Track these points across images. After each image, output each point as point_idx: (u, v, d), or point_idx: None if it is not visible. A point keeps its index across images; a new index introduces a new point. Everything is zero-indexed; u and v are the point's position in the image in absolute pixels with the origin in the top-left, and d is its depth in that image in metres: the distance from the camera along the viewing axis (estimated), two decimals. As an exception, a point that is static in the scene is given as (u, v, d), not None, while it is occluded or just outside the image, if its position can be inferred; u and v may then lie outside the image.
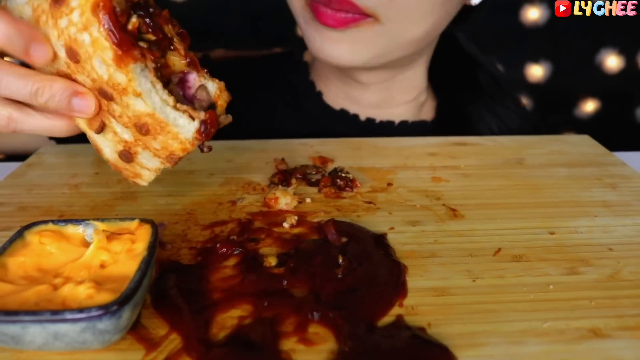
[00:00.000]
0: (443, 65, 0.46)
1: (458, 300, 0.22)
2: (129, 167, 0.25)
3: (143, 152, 0.24)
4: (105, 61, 0.21)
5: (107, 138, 0.24)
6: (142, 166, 0.24)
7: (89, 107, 0.22)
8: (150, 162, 0.24)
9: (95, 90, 0.22)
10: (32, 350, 0.19)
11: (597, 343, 0.20)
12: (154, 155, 0.24)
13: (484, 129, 0.45)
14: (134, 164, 0.24)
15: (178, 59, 0.24)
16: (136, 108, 0.22)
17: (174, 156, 0.23)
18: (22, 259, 0.22)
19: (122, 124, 0.23)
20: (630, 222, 0.29)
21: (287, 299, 0.22)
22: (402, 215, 0.29)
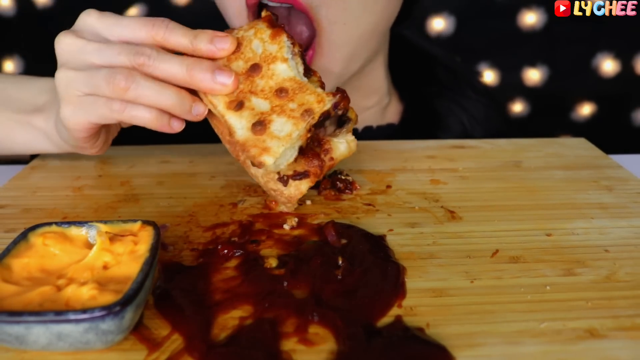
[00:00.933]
0: (400, 67, 0.47)
1: (456, 301, 0.23)
2: (259, 141, 0.26)
3: (278, 118, 0.26)
4: (262, 40, 0.28)
5: (242, 116, 0.26)
6: (272, 136, 0.26)
7: (229, 77, 0.27)
8: (283, 127, 0.26)
9: (244, 72, 0.27)
10: (35, 351, 0.19)
11: (594, 343, 0.20)
12: (288, 119, 0.26)
13: (454, 122, 0.45)
14: (265, 135, 0.26)
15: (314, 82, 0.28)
16: (280, 74, 0.27)
17: (309, 111, 0.26)
18: (26, 260, 0.22)
19: (262, 97, 0.27)
20: (626, 223, 0.29)
21: (288, 300, 0.22)
22: (401, 217, 0.30)
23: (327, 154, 0.29)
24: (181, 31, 0.27)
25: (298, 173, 0.28)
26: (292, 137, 0.26)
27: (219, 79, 0.26)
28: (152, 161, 0.37)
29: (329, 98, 0.26)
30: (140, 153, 0.39)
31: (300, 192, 0.28)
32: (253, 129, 0.26)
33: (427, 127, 0.45)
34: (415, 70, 0.48)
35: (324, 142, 0.29)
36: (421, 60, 0.48)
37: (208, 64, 0.27)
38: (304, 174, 0.28)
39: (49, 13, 0.85)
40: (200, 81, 0.26)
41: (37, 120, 0.33)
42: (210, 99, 0.27)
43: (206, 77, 0.26)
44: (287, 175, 0.28)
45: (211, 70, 0.26)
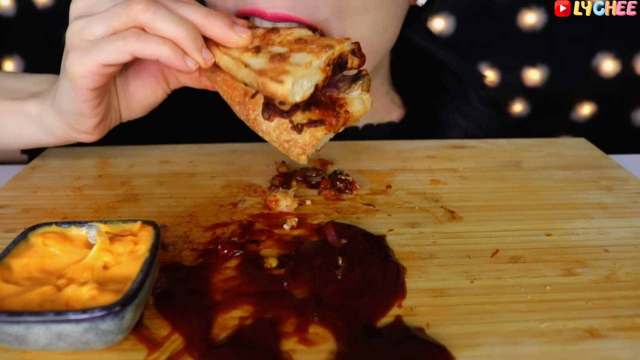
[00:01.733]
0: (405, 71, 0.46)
1: (456, 301, 0.23)
2: (278, 68, 0.25)
3: (297, 54, 0.25)
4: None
5: (259, 55, 0.26)
6: (291, 64, 0.25)
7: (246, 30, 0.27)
8: (303, 58, 0.25)
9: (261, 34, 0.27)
10: (35, 351, 0.19)
11: (594, 343, 0.20)
12: (308, 53, 0.25)
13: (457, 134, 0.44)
14: (284, 64, 0.25)
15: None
16: (299, 32, 0.27)
17: (329, 47, 0.25)
18: (26, 260, 0.22)
19: (280, 46, 0.26)
20: (626, 223, 0.29)
21: (288, 300, 0.22)
22: (401, 217, 0.30)
23: (342, 106, 0.27)
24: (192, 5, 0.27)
25: (313, 121, 0.26)
26: (312, 65, 0.25)
27: (236, 29, 0.27)
28: (152, 161, 0.37)
29: (348, 41, 0.26)
30: (140, 153, 0.39)
31: (316, 138, 0.26)
32: (272, 60, 0.25)
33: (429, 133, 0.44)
34: (419, 75, 0.47)
35: (339, 99, 0.28)
36: (426, 65, 0.47)
37: (226, 15, 0.27)
38: (319, 121, 0.26)
39: (49, 13, 0.85)
40: (218, 27, 0.27)
41: (30, 105, 0.31)
42: (224, 50, 0.27)
43: (224, 24, 0.26)
44: (301, 123, 0.26)
45: (229, 21, 0.27)
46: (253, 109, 0.27)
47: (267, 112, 0.26)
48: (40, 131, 0.32)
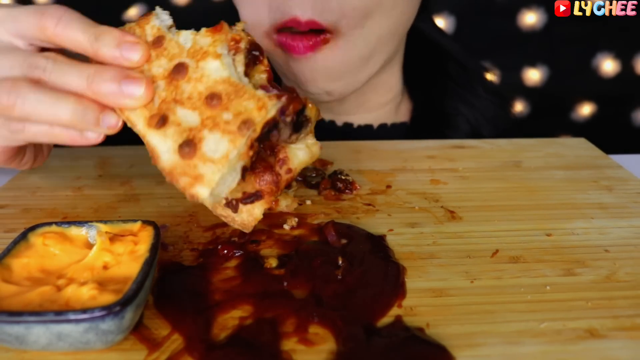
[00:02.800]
0: (413, 62, 0.46)
1: (456, 301, 0.23)
2: (189, 167, 0.20)
3: (210, 135, 0.20)
4: (194, 33, 0.22)
5: (167, 134, 0.21)
6: (205, 159, 0.20)
7: (140, 87, 0.21)
8: (218, 146, 0.20)
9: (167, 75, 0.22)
10: (35, 351, 0.19)
11: (594, 343, 0.20)
12: (222, 135, 0.20)
13: (463, 122, 0.45)
14: (196, 159, 0.20)
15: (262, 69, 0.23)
16: (211, 74, 0.21)
17: (248, 122, 0.20)
18: (26, 260, 0.22)
19: (190, 107, 0.21)
20: (626, 223, 0.29)
21: (288, 300, 0.22)
22: (401, 217, 0.30)
23: (283, 164, 0.23)
24: (79, 26, 0.22)
25: (248, 195, 0.23)
26: (229, 159, 0.20)
27: (126, 91, 0.21)
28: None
29: (272, 102, 0.20)
30: (140, 153, 0.38)
31: (255, 218, 0.23)
32: (181, 152, 0.20)
33: (436, 125, 0.45)
34: (427, 66, 0.47)
35: (279, 150, 0.23)
36: (433, 56, 0.47)
37: (113, 72, 0.21)
38: (256, 195, 0.23)
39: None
40: (105, 96, 0.21)
41: None
42: (127, 115, 0.22)
43: (111, 90, 0.21)
44: (235, 199, 0.23)
45: (117, 79, 0.21)
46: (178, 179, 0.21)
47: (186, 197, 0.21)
48: None
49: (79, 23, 0.22)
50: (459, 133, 0.45)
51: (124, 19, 0.90)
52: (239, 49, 0.22)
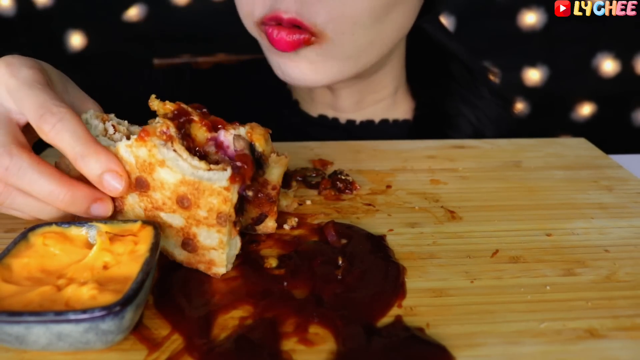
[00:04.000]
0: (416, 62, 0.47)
1: (456, 301, 0.23)
2: (199, 256, 0.23)
3: (199, 230, 0.23)
4: (129, 145, 0.23)
5: (169, 236, 0.23)
6: (208, 248, 0.23)
7: (107, 212, 0.23)
8: (211, 237, 0.23)
9: (134, 188, 0.23)
10: (35, 351, 0.19)
11: (594, 343, 0.20)
12: (209, 228, 0.22)
13: (464, 122, 0.45)
14: (200, 250, 0.23)
15: (198, 127, 0.24)
16: (168, 181, 0.22)
17: (221, 215, 0.22)
18: (26, 260, 0.22)
19: (170, 211, 0.23)
20: (626, 224, 0.29)
21: (288, 300, 0.22)
22: (401, 217, 0.30)
23: (266, 185, 0.25)
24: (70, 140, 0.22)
25: (257, 219, 0.26)
26: (224, 242, 0.23)
27: (94, 212, 0.23)
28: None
29: (229, 193, 0.22)
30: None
31: (272, 228, 0.27)
32: (185, 249, 0.23)
33: (438, 125, 0.45)
34: (430, 66, 0.47)
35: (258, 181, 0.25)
36: (438, 56, 0.48)
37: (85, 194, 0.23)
38: (262, 215, 0.26)
39: (49, 13, 0.85)
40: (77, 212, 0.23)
41: None
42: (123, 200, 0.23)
43: (81, 210, 0.23)
44: (248, 224, 0.26)
45: (87, 202, 0.23)
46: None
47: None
48: None
49: (71, 135, 0.22)
50: (461, 134, 0.45)
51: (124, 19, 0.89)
52: (172, 137, 0.23)
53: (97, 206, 0.23)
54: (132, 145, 0.22)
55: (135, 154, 0.22)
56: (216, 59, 0.54)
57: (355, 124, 0.45)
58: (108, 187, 0.23)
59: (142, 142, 0.22)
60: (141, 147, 0.22)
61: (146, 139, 0.22)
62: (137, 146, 0.22)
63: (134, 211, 0.24)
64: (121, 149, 0.23)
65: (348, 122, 0.45)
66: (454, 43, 0.49)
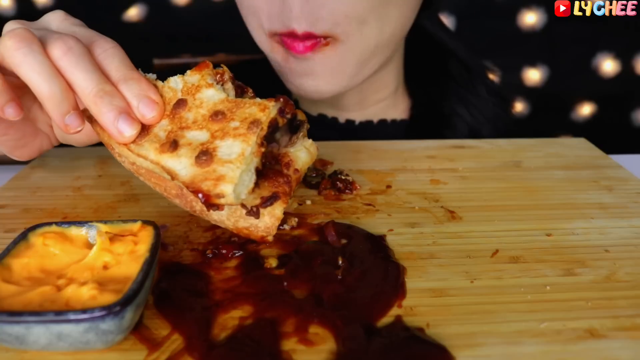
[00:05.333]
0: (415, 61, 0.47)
1: (456, 301, 0.23)
2: (209, 173, 0.22)
3: (222, 143, 0.22)
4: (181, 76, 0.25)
5: (180, 154, 0.22)
6: (223, 162, 0.22)
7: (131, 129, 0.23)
8: (232, 149, 0.22)
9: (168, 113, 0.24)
10: (35, 351, 0.19)
11: (594, 343, 0.20)
12: (234, 139, 0.22)
13: (460, 122, 0.45)
14: (213, 165, 0.22)
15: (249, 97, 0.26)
16: (209, 99, 0.24)
17: (255, 122, 0.22)
18: (26, 260, 0.22)
19: (197, 128, 0.23)
20: (626, 224, 0.29)
21: (288, 300, 0.22)
22: (401, 217, 0.30)
23: (289, 167, 0.25)
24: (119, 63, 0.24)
25: (266, 198, 0.24)
26: (245, 156, 0.21)
27: (119, 125, 0.23)
28: (152, 161, 0.37)
29: (272, 104, 0.23)
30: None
31: (277, 218, 0.25)
32: (198, 162, 0.22)
33: (434, 125, 0.45)
34: (428, 64, 0.48)
35: (282, 156, 0.25)
36: (436, 54, 0.48)
37: (119, 103, 0.23)
38: (273, 196, 0.24)
39: (49, 13, 0.85)
40: (100, 114, 0.23)
41: None
42: (138, 152, 0.23)
43: (108, 116, 0.23)
44: (255, 206, 0.24)
45: (118, 111, 0.23)
46: (196, 200, 0.22)
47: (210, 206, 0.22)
48: None
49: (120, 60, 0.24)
50: (457, 133, 0.46)
51: (124, 19, 0.89)
52: (225, 80, 0.25)
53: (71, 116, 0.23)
54: (184, 76, 0.25)
55: (186, 80, 0.25)
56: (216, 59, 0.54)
57: (355, 124, 0.45)
58: (143, 112, 0.23)
59: (197, 71, 0.24)
60: (195, 75, 0.24)
61: (202, 70, 0.24)
62: (190, 75, 0.25)
63: (157, 136, 0.24)
64: (171, 81, 0.25)
65: (347, 121, 0.46)
66: (453, 41, 0.49)
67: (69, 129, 0.24)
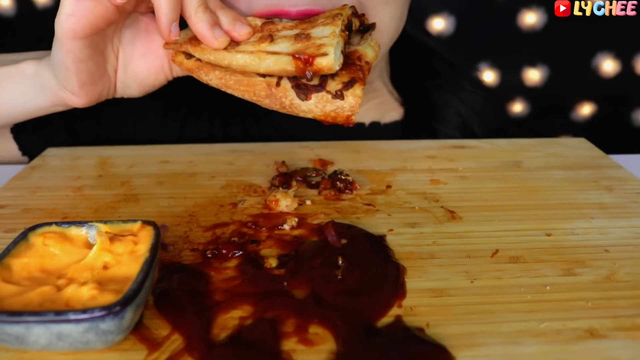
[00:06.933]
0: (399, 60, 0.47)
1: (456, 301, 0.23)
2: (309, 46, 0.27)
3: (313, 29, 0.28)
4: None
5: (278, 42, 0.28)
6: (319, 37, 0.27)
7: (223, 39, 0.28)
8: (324, 31, 0.27)
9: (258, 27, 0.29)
10: (35, 351, 0.19)
11: (594, 343, 0.20)
12: (323, 26, 0.27)
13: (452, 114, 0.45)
14: (311, 40, 0.27)
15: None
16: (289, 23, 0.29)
17: (338, 15, 0.28)
18: (26, 260, 0.22)
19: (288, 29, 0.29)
20: (626, 223, 0.29)
21: (288, 300, 0.22)
22: (401, 217, 0.30)
23: (361, 60, 0.29)
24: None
25: (347, 82, 0.28)
26: (335, 34, 0.27)
27: (216, 32, 0.28)
28: (152, 161, 0.37)
29: (347, 6, 0.29)
30: (140, 153, 0.39)
31: (359, 97, 0.28)
32: (297, 40, 0.27)
33: (425, 120, 0.45)
34: (413, 63, 0.48)
35: (354, 53, 0.30)
36: (419, 53, 0.48)
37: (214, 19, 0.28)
38: (352, 80, 0.28)
39: (49, 13, 0.85)
40: (199, 21, 0.28)
41: (27, 65, 0.32)
42: (237, 49, 0.28)
43: (205, 24, 0.27)
44: (339, 89, 0.28)
45: (214, 22, 0.28)
46: (285, 95, 0.28)
47: (302, 93, 0.27)
48: (32, 90, 0.32)
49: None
50: (450, 126, 0.45)
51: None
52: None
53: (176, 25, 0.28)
54: None
55: None
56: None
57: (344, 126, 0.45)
58: (239, 29, 0.28)
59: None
60: None
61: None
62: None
63: (249, 41, 0.28)
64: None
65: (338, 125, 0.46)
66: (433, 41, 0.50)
67: (171, 36, 0.28)
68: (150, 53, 0.32)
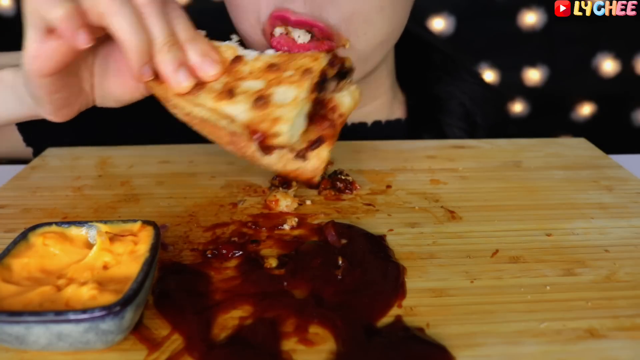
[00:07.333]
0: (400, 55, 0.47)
1: (456, 301, 0.23)
2: (266, 115, 0.24)
3: (277, 89, 0.25)
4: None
5: (237, 101, 0.25)
6: (278, 106, 0.24)
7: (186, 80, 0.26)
8: (287, 94, 0.24)
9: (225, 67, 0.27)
10: (35, 351, 0.19)
11: (594, 343, 0.20)
12: (289, 85, 0.25)
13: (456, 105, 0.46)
14: (270, 108, 0.24)
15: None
16: (265, 54, 0.27)
17: (308, 70, 0.25)
18: (26, 260, 0.22)
19: (253, 78, 0.26)
20: (626, 223, 0.29)
21: (288, 300, 0.22)
22: (401, 217, 0.30)
23: (334, 111, 0.27)
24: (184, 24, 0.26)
25: (313, 142, 0.26)
26: (299, 100, 0.24)
27: (179, 75, 0.25)
28: (152, 161, 0.37)
29: (323, 55, 0.26)
30: (140, 153, 0.39)
31: (323, 160, 0.27)
32: (256, 105, 0.24)
33: (430, 113, 0.45)
34: (413, 57, 0.48)
35: (328, 101, 0.27)
36: (418, 47, 0.48)
37: (182, 57, 0.26)
38: (319, 139, 0.26)
39: (49, 13, 0.85)
40: (164, 62, 0.25)
41: (5, 73, 0.31)
42: (195, 102, 0.25)
43: (171, 66, 0.25)
44: (302, 149, 0.26)
45: (180, 63, 0.25)
46: (247, 146, 0.25)
47: (264, 148, 0.25)
48: (11, 99, 0.31)
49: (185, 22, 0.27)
50: (454, 118, 0.46)
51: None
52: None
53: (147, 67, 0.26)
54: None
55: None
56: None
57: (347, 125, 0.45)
58: (206, 69, 0.26)
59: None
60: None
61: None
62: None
63: (212, 87, 0.26)
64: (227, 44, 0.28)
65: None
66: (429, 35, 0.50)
67: (143, 78, 0.26)
68: (124, 72, 0.30)
